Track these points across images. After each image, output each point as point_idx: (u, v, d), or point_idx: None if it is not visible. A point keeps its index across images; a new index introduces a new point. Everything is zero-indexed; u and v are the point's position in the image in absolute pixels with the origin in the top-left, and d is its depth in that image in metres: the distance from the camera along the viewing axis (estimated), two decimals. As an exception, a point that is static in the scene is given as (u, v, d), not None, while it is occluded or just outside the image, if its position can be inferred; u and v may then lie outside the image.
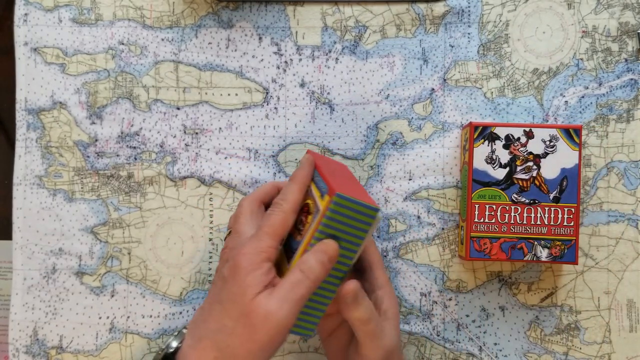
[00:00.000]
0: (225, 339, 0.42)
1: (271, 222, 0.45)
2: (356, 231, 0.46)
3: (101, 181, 0.62)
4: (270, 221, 0.46)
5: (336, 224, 0.45)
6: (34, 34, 0.62)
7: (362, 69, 0.62)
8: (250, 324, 0.41)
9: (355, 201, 0.45)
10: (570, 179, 0.56)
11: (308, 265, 0.43)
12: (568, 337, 0.61)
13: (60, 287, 0.61)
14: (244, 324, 0.41)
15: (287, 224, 0.46)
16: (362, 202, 0.45)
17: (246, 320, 0.41)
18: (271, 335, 0.41)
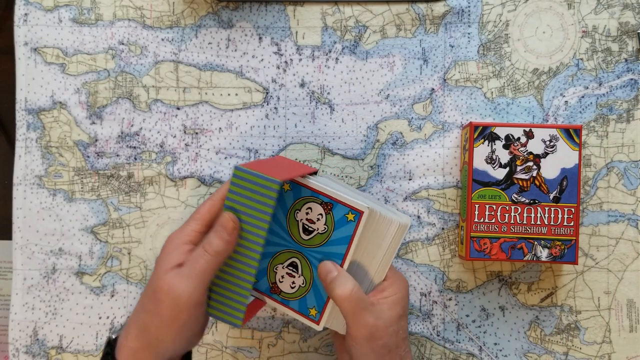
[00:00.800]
0: (142, 317, 0.45)
1: (198, 209, 0.48)
2: (260, 205, 0.45)
3: (101, 181, 0.62)
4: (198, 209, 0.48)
5: (239, 198, 0.45)
6: (34, 34, 0.62)
7: (362, 69, 0.62)
8: (157, 300, 0.43)
9: (254, 173, 0.44)
10: (570, 179, 0.56)
11: (208, 240, 0.45)
12: (568, 337, 0.61)
13: (60, 287, 0.61)
14: (153, 300, 0.44)
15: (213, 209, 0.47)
16: (261, 174, 0.44)
17: (155, 296, 0.44)
18: (175, 311, 0.43)
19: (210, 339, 0.61)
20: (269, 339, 0.62)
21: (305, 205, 0.48)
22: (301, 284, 0.50)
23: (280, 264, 0.50)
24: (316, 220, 0.48)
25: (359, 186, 0.62)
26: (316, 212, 0.48)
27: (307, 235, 0.49)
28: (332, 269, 0.48)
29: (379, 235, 0.49)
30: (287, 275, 0.50)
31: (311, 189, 0.47)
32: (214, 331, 0.62)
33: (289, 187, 0.47)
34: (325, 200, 0.47)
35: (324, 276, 0.48)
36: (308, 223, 0.49)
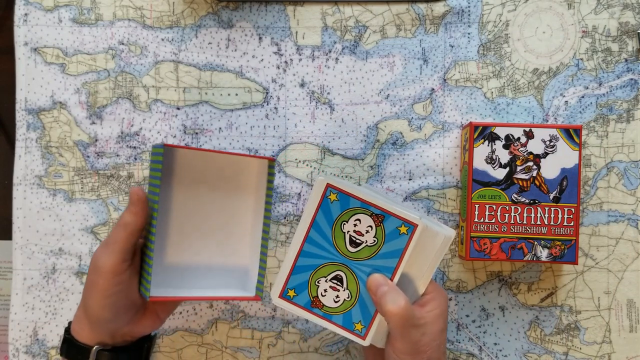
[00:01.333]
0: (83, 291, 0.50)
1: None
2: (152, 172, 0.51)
3: (101, 181, 0.62)
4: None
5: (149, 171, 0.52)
6: (34, 34, 0.62)
7: (362, 69, 0.62)
8: (88, 272, 0.50)
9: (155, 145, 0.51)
10: (570, 179, 0.56)
11: (121, 215, 0.50)
12: (568, 337, 0.61)
13: (60, 287, 0.61)
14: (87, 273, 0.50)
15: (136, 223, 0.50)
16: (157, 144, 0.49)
17: (88, 269, 0.50)
18: (94, 276, 0.49)
19: (210, 339, 0.62)
20: (269, 339, 0.62)
21: (354, 217, 0.46)
22: (346, 298, 0.49)
23: (323, 277, 0.48)
24: (365, 233, 0.46)
25: (359, 186, 0.62)
26: (365, 224, 0.46)
27: (354, 248, 0.47)
28: (383, 282, 0.47)
29: (425, 247, 0.48)
30: (330, 289, 0.49)
31: (361, 199, 0.45)
32: (214, 331, 0.62)
33: (336, 198, 0.44)
34: (376, 212, 0.45)
35: (374, 290, 0.47)
36: (356, 235, 0.47)
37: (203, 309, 0.62)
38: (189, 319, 0.62)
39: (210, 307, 0.62)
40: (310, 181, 0.62)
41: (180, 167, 0.55)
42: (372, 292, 0.47)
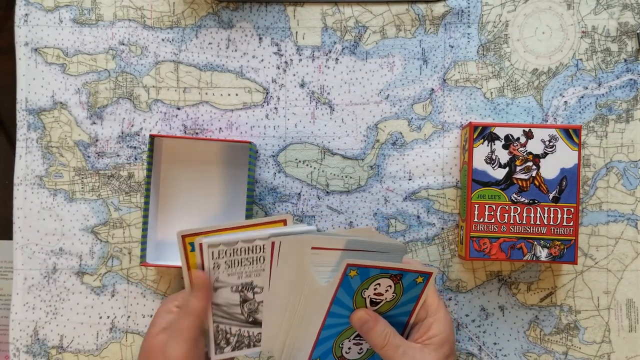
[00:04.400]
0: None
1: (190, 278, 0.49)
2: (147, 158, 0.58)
3: (102, 181, 0.62)
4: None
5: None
6: (34, 34, 0.62)
7: (362, 69, 0.62)
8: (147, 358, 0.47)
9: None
10: (569, 179, 0.56)
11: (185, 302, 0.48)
12: (567, 337, 0.61)
13: (60, 287, 0.61)
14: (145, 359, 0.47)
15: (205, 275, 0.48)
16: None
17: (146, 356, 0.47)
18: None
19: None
20: (269, 339, 0.62)
21: (374, 283, 0.46)
22: (369, 347, 0.49)
23: (347, 339, 0.49)
24: (384, 292, 0.46)
25: (359, 186, 0.62)
26: (385, 285, 0.46)
27: (374, 306, 0.47)
28: (367, 318, 0.47)
29: None
30: (354, 346, 0.49)
31: (380, 267, 0.45)
32: (214, 331, 0.62)
33: (356, 273, 0.44)
34: (394, 273, 0.45)
35: (359, 326, 0.47)
36: (376, 297, 0.47)
37: (203, 309, 0.62)
38: (189, 319, 0.62)
39: (211, 307, 0.62)
40: (311, 181, 0.62)
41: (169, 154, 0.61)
42: (358, 329, 0.47)
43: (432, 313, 0.48)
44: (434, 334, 0.47)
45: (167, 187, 0.61)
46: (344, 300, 0.46)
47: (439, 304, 0.49)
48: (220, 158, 0.61)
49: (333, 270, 0.46)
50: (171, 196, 0.61)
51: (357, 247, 0.46)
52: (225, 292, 0.47)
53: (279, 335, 0.49)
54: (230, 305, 0.48)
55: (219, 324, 0.48)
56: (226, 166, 0.61)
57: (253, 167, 0.61)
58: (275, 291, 0.47)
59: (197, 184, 0.61)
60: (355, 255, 0.46)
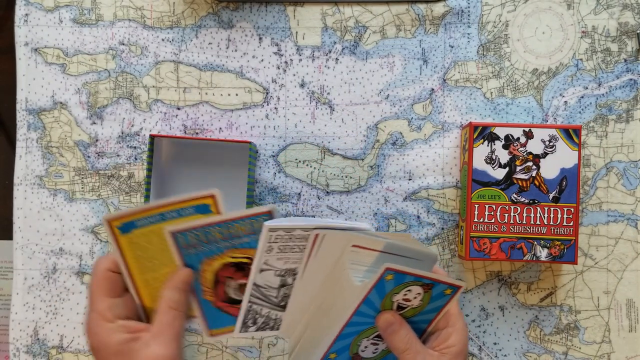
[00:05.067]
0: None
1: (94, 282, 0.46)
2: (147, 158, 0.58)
3: (102, 181, 0.62)
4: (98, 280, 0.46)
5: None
6: (34, 34, 0.62)
7: (362, 69, 0.62)
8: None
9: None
10: (569, 179, 0.56)
11: (174, 299, 0.45)
12: (567, 337, 0.61)
13: (60, 287, 0.61)
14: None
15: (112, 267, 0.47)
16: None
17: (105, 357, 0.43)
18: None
19: (210, 339, 0.62)
20: (269, 339, 0.62)
21: (405, 289, 0.47)
22: (384, 348, 0.50)
23: (366, 338, 0.49)
24: (413, 299, 0.47)
25: (359, 186, 0.62)
26: (415, 292, 0.47)
27: (400, 311, 0.48)
28: (393, 321, 0.47)
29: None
30: (370, 345, 0.50)
31: (415, 274, 0.45)
32: (214, 331, 0.62)
33: (392, 277, 0.45)
34: (427, 282, 0.46)
35: (384, 328, 0.47)
36: (404, 302, 0.47)
37: (203, 309, 0.62)
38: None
39: (211, 307, 0.62)
40: (311, 181, 0.62)
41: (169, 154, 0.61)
42: (381, 330, 0.47)
43: (452, 323, 0.49)
44: (452, 344, 0.48)
45: (167, 187, 0.61)
46: (374, 301, 0.46)
47: (459, 315, 0.49)
48: (220, 158, 0.61)
49: (368, 270, 0.47)
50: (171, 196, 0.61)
51: (395, 251, 0.47)
52: (268, 275, 0.47)
53: (299, 323, 0.50)
54: (269, 288, 0.48)
55: (253, 304, 0.48)
56: (226, 166, 0.61)
57: (253, 167, 0.61)
58: (308, 281, 0.48)
59: (197, 184, 0.61)
60: (393, 259, 0.47)
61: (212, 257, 0.48)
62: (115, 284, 0.46)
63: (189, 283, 0.47)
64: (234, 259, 0.49)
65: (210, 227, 0.47)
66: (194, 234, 0.47)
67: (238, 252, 0.49)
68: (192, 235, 0.47)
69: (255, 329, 0.50)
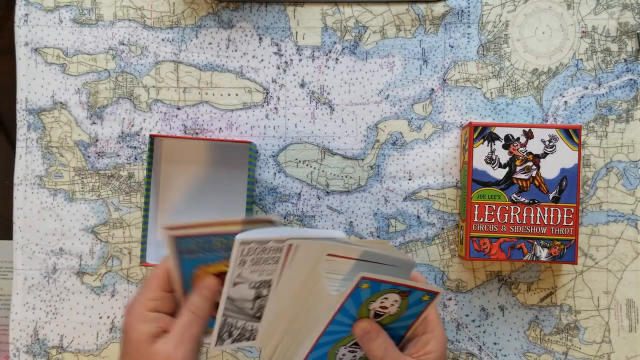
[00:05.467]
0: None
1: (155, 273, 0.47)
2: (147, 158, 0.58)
3: (102, 181, 0.62)
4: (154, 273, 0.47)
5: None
6: (34, 34, 0.62)
7: (362, 69, 0.62)
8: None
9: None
10: (569, 179, 0.56)
11: (196, 304, 0.46)
12: (567, 337, 0.61)
13: (60, 287, 0.61)
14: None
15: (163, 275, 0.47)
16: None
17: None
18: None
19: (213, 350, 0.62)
20: (269, 339, 0.62)
21: (382, 297, 0.46)
22: (362, 355, 0.50)
23: (343, 346, 0.49)
24: (390, 306, 0.47)
25: (359, 186, 0.62)
26: (392, 299, 0.46)
27: (377, 318, 0.47)
28: (370, 329, 0.47)
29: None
30: (348, 352, 0.50)
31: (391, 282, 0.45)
32: (214, 331, 0.62)
33: (368, 285, 0.45)
34: (403, 289, 0.46)
35: (360, 336, 0.47)
36: (381, 309, 0.47)
37: (203, 309, 0.62)
38: (189, 319, 0.62)
39: (211, 307, 0.62)
40: (311, 181, 0.62)
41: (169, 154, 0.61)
42: (358, 338, 0.47)
43: (431, 329, 0.49)
44: (431, 350, 0.48)
45: (167, 187, 0.61)
46: (350, 309, 0.46)
47: (438, 321, 0.49)
48: (220, 158, 0.61)
49: (344, 278, 0.46)
50: (171, 196, 0.61)
51: (371, 258, 0.46)
52: (242, 288, 0.47)
53: (275, 333, 0.49)
54: (243, 301, 0.48)
55: (228, 317, 0.48)
56: (226, 166, 0.61)
57: (253, 167, 0.61)
58: (283, 290, 0.47)
59: (197, 184, 0.61)
60: (369, 267, 0.46)
61: (208, 264, 0.48)
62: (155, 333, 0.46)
63: (214, 292, 0.47)
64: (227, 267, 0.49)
65: (213, 237, 0.47)
66: (196, 241, 0.47)
67: None
68: (194, 242, 0.47)
69: (230, 341, 0.49)
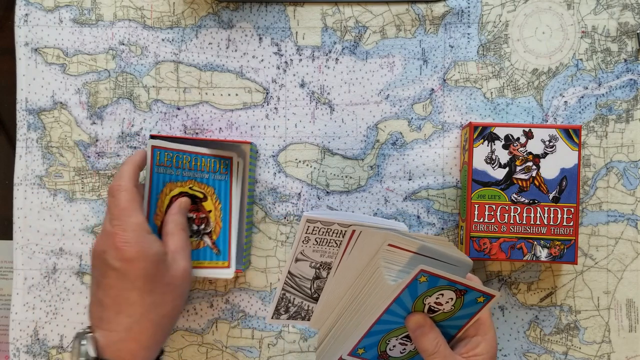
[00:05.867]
0: (159, 311, 0.49)
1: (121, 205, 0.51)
2: None
3: (102, 181, 0.62)
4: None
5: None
6: (34, 35, 0.62)
7: (362, 69, 0.62)
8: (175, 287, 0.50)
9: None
10: (569, 179, 0.56)
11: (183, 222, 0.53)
12: (567, 337, 0.61)
13: (60, 287, 0.61)
14: (172, 291, 0.49)
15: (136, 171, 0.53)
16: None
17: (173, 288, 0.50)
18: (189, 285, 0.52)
19: (210, 339, 0.62)
20: (269, 339, 0.62)
21: (438, 292, 0.47)
22: (412, 349, 0.50)
23: (395, 337, 0.50)
24: (445, 303, 0.47)
25: (359, 186, 0.62)
26: (447, 296, 0.47)
27: (431, 314, 0.48)
28: (423, 323, 0.47)
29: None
30: (399, 344, 0.50)
31: (449, 279, 0.45)
32: (214, 331, 0.62)
33: (426, 279, 0.45)
34: (460, 288, 0.46)
35: (413, 329, 0.47)
36: (435, 305, 0.47)
37: (204, 309, 0.62)
38: (189, 319, 0.62)
39: (211, 307, 0.62)
40: (311, 181, 0.62)
41: None
42: (411, 331, 0.47)
43: (483, 332, 0.49)
44: (480, 353, 0.48)
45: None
46: (405, 301, 0.47)
47: (491, 325, 0.49)
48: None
49: (402, 270, 0.47)
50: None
51: (429, 254, 0.47)
52: (303, 266, 0.49)
53: (330, 316, 0.50)
54: (303, 278, 0.49)
55: (287, 292, 0.49)
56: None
57: (253, 168, 0.61)
58: (342, 275, 0.48)
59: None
60: (427, 261, 0.47)
61: (174, 183, 0.55)
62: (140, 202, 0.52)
63: (187, 209, 0.54)
64: (190, 190, 0.56)
65: (183, 153, 0.55)
66: (169, 155, 0.54)
67: (197, 186, 0.56)
68: (167, 155, 0.54)
69: (287, 317, 0.52)
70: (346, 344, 0.50)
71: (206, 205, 0.57)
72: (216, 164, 0.57)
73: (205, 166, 0.56)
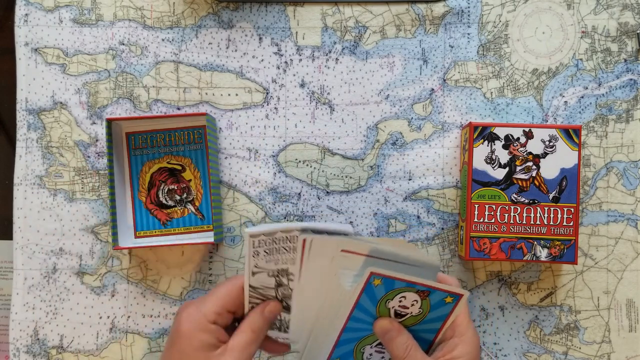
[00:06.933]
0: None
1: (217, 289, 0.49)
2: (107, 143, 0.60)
3: (102, 181, 0.62)
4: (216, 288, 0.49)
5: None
6: (34, 35, 0.62)
7: (362, 69, 0.62)
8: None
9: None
10: (569, 179, 0.56)
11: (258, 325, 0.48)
12: (567, 337, 0.61)
13: (60, 287, 0.61)
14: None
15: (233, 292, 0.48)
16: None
17: None
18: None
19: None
20: (269, 339, 0.62)
21: (399, 295, 0.46)
22: (389, 358, 0.49)
23: (369, 345, 0.49)
24: (410, 306, 0.46)
25: (359, 186, 0.62)
26: (411, 299, 0.46)
27: (399, 318, 0.47)
28: (391, 327, 0.47)
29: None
30: (375, 353, 0.50)
31: (406, 280, 0.45)
32: (214, 331, 0.62)
33: (380, 282, 0.45)
34: (421, 289, 0.45)
35: (382, 334, 0.47)
36: (401, 309, 0.47)
37: (203, 309, 0.62)
38: (189, 319, 0.62)
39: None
40: (311, 181, 0.62)
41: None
42: (379, 337, 0.47)
43: (459, 333, 0.47)
44: (458, 355, 0.46)
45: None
46: (367, 307, 0.46)
47: (468, 325, 0.48)
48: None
49: (357, 274, 0.46)
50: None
51: (383, 256, 0.46)
52: (262, 277, 0.48)
53: (305, 326, 0.50)
54: (265, 288, 0.49)
55: (254, 305, 0.49)
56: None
57: (214, 140, 0.61)
58: (306, 284, 0.48)
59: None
60: (382, 264, 0.46)
61: (153, 161, 0.60)
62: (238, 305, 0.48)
63: (275, 315, 0.49)
64: (169, 164, 0.60)
65: (156, 132, 0.60)
66: (142, 137, 0.59)
67: (174, 159, 0.60)
68: (141, 137, 0.59)
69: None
70: (321, 355, 0.50)
71: (185, 176, 0.60)
72: (190, 135, 0.60)
73: (180, 139, 0.60)
